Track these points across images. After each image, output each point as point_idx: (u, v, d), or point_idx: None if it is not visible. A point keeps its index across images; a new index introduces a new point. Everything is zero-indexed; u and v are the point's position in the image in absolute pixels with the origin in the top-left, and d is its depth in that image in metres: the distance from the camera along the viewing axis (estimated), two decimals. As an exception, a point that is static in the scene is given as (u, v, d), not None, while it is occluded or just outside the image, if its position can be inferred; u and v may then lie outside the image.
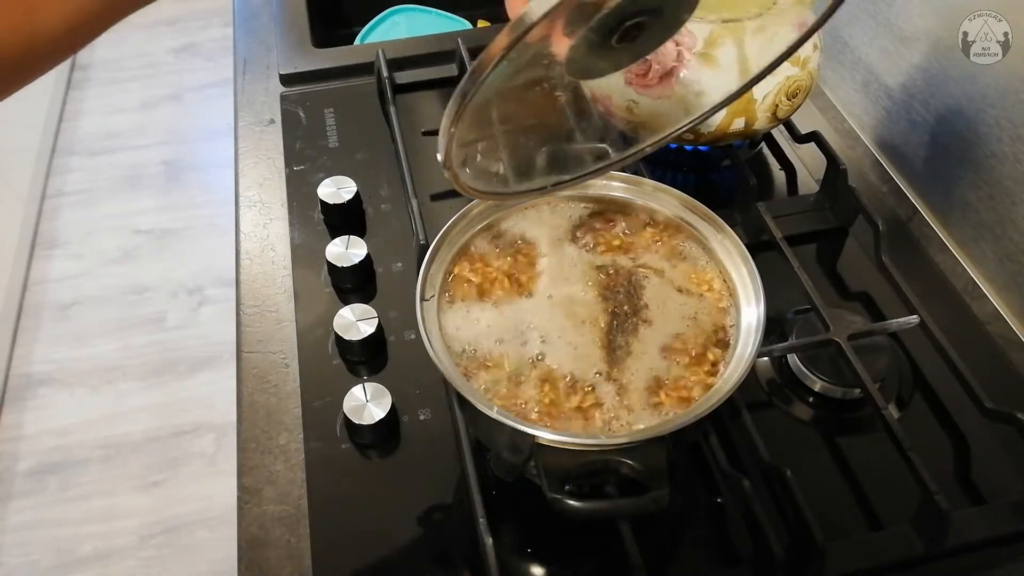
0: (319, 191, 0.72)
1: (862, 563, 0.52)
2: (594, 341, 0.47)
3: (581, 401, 0.45)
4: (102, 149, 2.15)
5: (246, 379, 0.62)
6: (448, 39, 0.91)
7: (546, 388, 0.46)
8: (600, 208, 0.55)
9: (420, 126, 0.80)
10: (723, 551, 0.54)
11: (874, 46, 0.81)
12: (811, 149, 0.76)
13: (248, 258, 0.72)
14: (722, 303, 0.50)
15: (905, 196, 0.78)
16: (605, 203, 0.55)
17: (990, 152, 0.68)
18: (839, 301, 0.68)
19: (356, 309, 0.63)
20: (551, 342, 0.47)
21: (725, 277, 0.51)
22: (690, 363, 0.47)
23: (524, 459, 0.49)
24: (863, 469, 0.57)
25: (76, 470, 1.52)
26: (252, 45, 0.94)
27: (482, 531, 0.50)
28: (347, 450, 0.57)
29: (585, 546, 0.53)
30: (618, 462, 0.44)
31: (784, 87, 0.67)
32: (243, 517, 0.55)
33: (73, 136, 2.18)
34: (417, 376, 0.61)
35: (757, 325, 0.48)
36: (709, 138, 0.69)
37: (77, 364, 1.68)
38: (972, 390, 0.57)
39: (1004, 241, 0.68)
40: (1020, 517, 0.53)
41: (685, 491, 0.56)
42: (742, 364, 0.46)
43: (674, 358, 0.47)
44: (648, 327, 0.48)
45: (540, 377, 0.47)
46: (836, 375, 0.60)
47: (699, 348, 0.47)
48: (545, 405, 0.45)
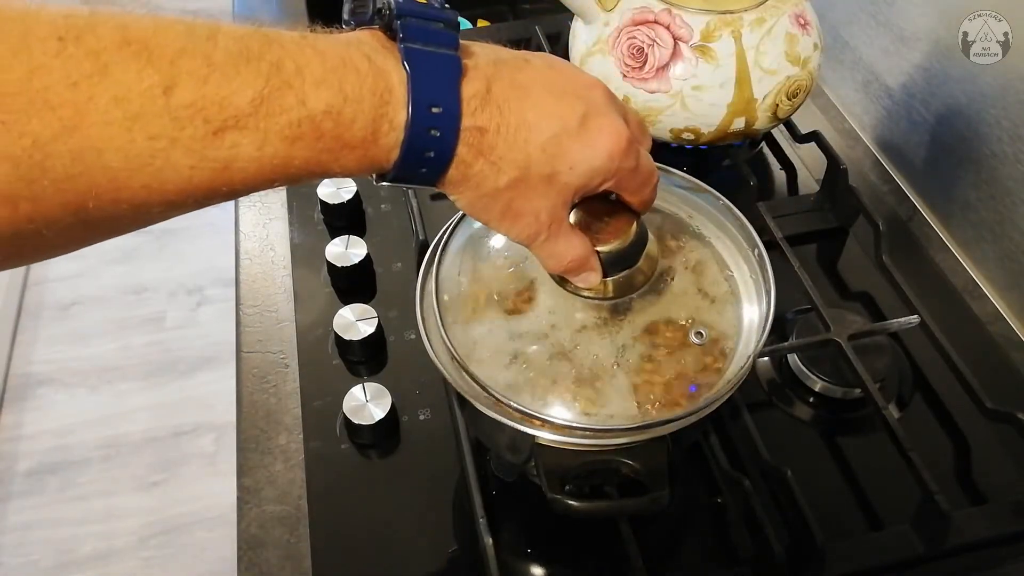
0: (319, 191, 0.72)
1: (862, 563, 0.51)
2: (599, 334, 0.47)
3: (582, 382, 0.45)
4: (102, 149, 2.14)
5: (246, 379, 0.62)
6: (448, 39, 0.90)
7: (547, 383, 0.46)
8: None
9: (420, 126, 0.80)
10: (723, 551, 0.54)
11: (874, 46, 0.81)
12: (811, 149, 0.76)
13: (248, 258, 0.71)
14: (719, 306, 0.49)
15: (905, 196, 0.78)
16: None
17: (990, 152, 0.68)
18: (839, 301, 0.68)
19: (356, 309, 0.63)
20: (553, 340, 0.47)
21: (728, 273, 0.50)
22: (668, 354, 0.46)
23: (524, 459, 0.49)
24: (863, 469, 0.57)
25: (76, 470, 1.52)
26: (252, 45, 0.94)
27: (482, 531, 0.50)
28: (347, 450, 0.57)
29: (585, 546, 0.53)
30: (618, 462, 0.44)
31: (784, 87, 0.67)
32: (243, 517, 0.55)
33: (73, 136, 2.18)
34: (417, 376, 0.61)
35: (759, 324, 0.47)
36: (709, 138, 0.69)
37: (77, 364, 1.68)
38: (972, 390, 0.57)
39: (1004, 241, 0.68)
40: (1020, 517, 0.53)
41: (685, 491, 0.55)
42: (742, 364, 0.46)
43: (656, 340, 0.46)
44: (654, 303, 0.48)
45: (542, 374, 0.46)
46: (836, 375, 0.60)
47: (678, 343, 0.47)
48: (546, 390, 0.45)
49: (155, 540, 1.43)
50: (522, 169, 0.36)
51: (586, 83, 0.40)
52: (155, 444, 1.55)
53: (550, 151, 0.37)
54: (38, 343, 1.72)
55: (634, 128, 0.41)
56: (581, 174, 0.38)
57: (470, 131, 0.35)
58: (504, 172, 0.36)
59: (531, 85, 0.37)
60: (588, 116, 0.38)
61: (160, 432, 1.57)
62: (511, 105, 0.36)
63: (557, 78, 0.39)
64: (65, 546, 1.42)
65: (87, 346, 1.71)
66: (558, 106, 0.37)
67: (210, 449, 1.54)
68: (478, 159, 0.35)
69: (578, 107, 0.38)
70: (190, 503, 1.47)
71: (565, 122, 0.37)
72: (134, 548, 1.42)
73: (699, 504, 0.55)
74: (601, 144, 0.38)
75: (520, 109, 0.36)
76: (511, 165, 0.36)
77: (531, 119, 0.36)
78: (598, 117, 0.38)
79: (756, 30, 0.66)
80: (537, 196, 0.38)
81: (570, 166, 0.37)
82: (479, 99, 0.35)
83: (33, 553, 1.41)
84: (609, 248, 0.44)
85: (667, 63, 0.66)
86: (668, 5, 0.66)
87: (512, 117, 0.36)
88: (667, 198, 0.54)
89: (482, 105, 0.35)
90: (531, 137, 0.36)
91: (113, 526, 1.44)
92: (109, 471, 1.52)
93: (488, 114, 0.35)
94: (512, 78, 0.37)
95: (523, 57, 0.39)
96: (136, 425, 1.58)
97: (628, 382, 0.45)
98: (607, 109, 0.39)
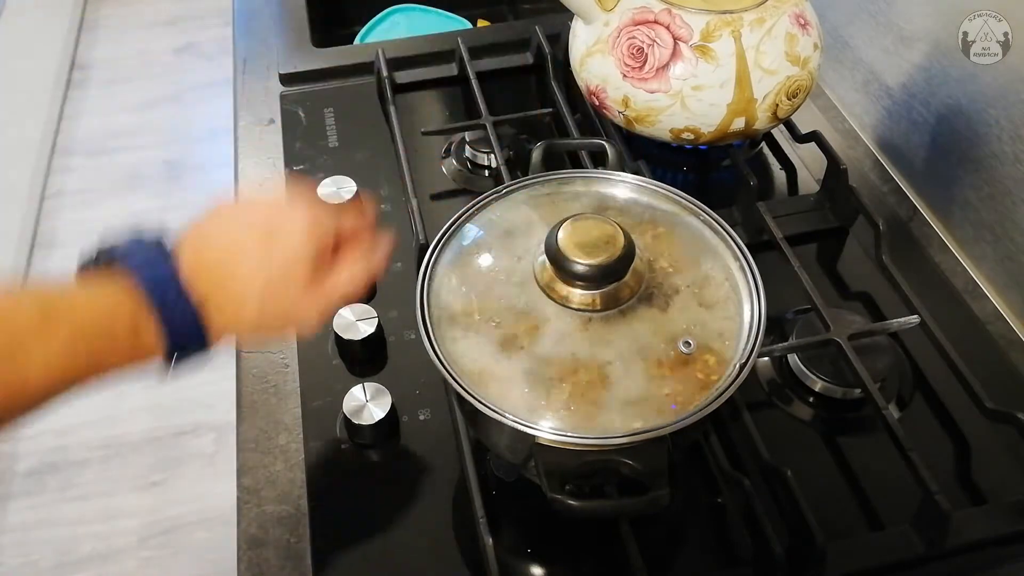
0: (319, 191, 0.72)
1: (862, 563, 0.52)
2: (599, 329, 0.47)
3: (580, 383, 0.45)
4: (102, 149, 2.14)
5: (246, 379, 0.62)
6: (448, 39, 0.91)
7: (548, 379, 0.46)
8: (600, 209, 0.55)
9: (420, 126, 0.80)
10: (723, 551, 0.54)
11: (874, 46, 0.81)
12: (811, 149, 0.76)
13: (248, 258, 0.71)
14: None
15: (905, 196, 0.78)
16: (606, 203, 0.55)
17: (990, 152, 0.68)
18: (839, 301, 0.68)
19: (356, 309, 0.63)
20: (546, 348, 0.47)
21: (726, 276, 0.51)
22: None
23: (524, 459, 0.49)
24: (863, 469, 0.57)
25: (76, 470, 1.52)
26: (252, 45, 0.94)
27: (482, 531, 0.50)
28: (347, 450, 0.57)
29: (585, 546, 0.53)
30: (618, 462, 0.44)
31: (784, 87, 0.67)
32: (243, 517, 0.55)
33: (73, 136, 2.18)
34: (417, 376, 0.61)
35: (757, 325, 0.48)
36: (709, 138, 0.69)
37: (77, 364, 1.68)
38: (972, 390, 0.57)
39: (1004, 241, 0.68)
40: (1020, 517, 0.53)
41: (685, 491, 0.55)
42: (736, 370, 0.46)
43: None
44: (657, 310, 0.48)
45: (542, 372, 0.46)
46: (836, 375, 0.60)
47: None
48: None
49: (155, 540, 1.43)
50: (256, 295, 0.45)
51: (263, 204, 0.51)
52: (155, 444, 1.55)
53: (263, 267, 0.45)
54: (38, 343, 1.72)
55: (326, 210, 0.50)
56: (296, 261, 0.46)
57: (201, 300, 0.43)
58: (246, 305, 0.45)
59: (219, 235, 0.46)
60: (270, 225, 0.47)
61: (160, 432, 1.57)
62: (215, 265, 0.45)
63: (237, 218, 0.48)
64: (65, 546, 1.42)
65: (87, 346, 1.71)
66: (245, 236, 0.46)
67: (210, 449, 1.54)
68: (223, 313, 0.44)
69: (258, 226, 0.47)
70: (190, 503, 1.47)
71: (254, 243, 0.46)
72: (134, 548, 1.42)
73: (699, 504, 0.55)
74: (293, 235, 0.46)
75: (223, 261, 0.45)
76: (247, 299, 0.45)
77: (233, 260, 0.45)
78: (278, 219, 0.47)
79: (756, 30, 0.66)
80: (285, 296, 0.46)
81: (283, 262, 0.46)
82: (194, 274, 0.43)
83: (33, 553, 1.41)
84: (596, 262, 0.46)
85: (667, 63, 0.66)
86: (668, 5, 0.66)
87: (221, 270, 0.44)
88: (658, 210, 0.54)
89: (197, 276, 0.43)
90: (242, 272, 0.45)
91: (113, 526, 1.44)
92: (109, 471, 1.52)
93: (204, 281, 0.44)
94: (205, 241, 0.46)
95: (205, 219, 0.47)
96: (136, 425, 1.58)
97: (620, 391, 0.45)
98: (282, 211, 0.48)
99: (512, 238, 0.52)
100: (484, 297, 0.49)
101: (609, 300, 0.47)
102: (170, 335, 0.43)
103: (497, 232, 0.53)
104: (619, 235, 0.47)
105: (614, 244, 0.47)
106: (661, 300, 0.49)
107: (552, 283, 0.48)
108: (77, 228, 1.94)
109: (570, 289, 0.47)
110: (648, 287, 0.49)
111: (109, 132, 2.19)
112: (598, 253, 0.46)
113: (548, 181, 0.56)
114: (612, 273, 0.47)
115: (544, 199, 0.55)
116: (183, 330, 0.43)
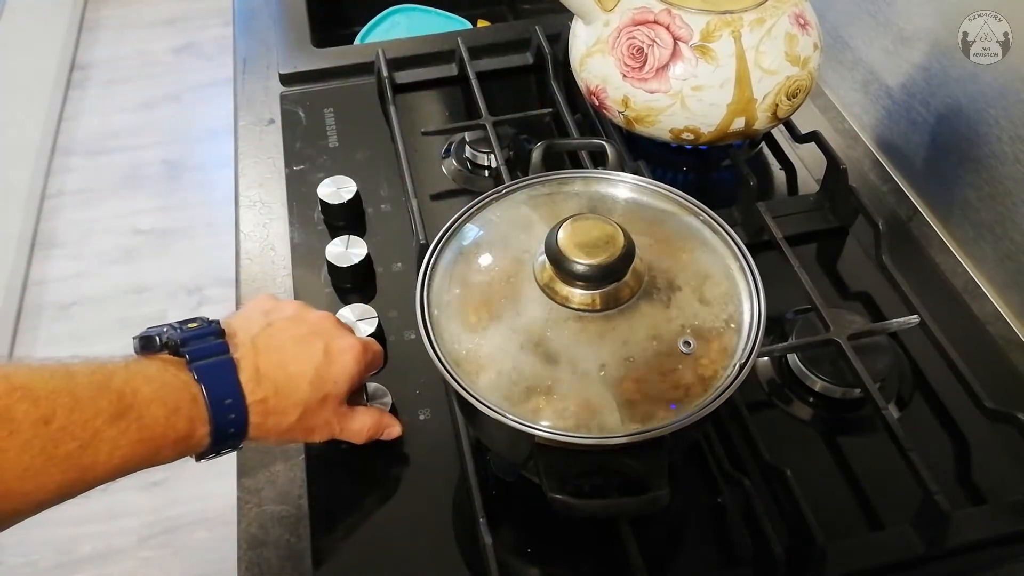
0: (319, 191, 0.72)
1: (862, 563, 0.52)
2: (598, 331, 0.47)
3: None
4: (102, 149, 2.14)
5: (246, 379, 0.62)
6: (448, 39, 0.91)
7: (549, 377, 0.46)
8: (600, 209, 0.55)
9: (420, 126, 0.80)
10: (723, 551, 0.54)
11: (874, 46, 0.81)
12: (811, 149, 0.76)
13: (248, 258, 0.71)
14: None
15: (905, 196, 0.78)
16: (606, 203, 0.55)
17: (990, 152, 0.68)
18: (839, 301, 0.68)
19: (356, 309, 0.63)
20: (546, 349, 0.47)
21: (725, 275, 0.51)
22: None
23: (524, 459, 0.49)
24: (863, 469, 0.57)
25: (76, 470, 1.52)
26: (252, 45, 0.94)
27: (482, 531, 0.50)
28: (347, 450, 0.57)
29: (585, 546, 0.53)
30: (618, 462, 0.44)
31: (784, 87, 0.67)
32: (243, 517, 0.55)
33: (73, 136, 2.18)
34: (417, 376, 0.61)
35: (757, 325, 0.48)
36: (709, 138, 0.69)
37: (77, 364, 1.68)
38: (972, 390, 0.57)
39: (1004, 241, 0.68)
40: (1020, 517, 0.53)
41: (685, 491, 0.55)
42: (736, 370, 0.46)
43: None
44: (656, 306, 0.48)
45: (536, 383, 0.46)
46: (836, 375, 0.60)
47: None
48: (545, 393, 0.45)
49: (155, 540, 1.43)
50: (302, 406, 0.49)
51: (318, 319, 0.53)
52: (155, 444, 1.55)
53: (316, 384, 0.49)
54: (38, 343, 1.72)
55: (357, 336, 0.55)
56: (343, 383, 0.51)
57: (255, 404, 0.47)
58: (289, 415, 0.49)
59: (281, 344, 0.49)
60: (329, 345, 0.51)
61: (160, 432, 1.57)
62: (276, 372, 0.48)
63: (297, 327, 0.51)
64: (65, 546, 1.42)
65: (87, 346, 1.71)
66: (307, 350, 0.50)
67: (210, 449, 1.54)
68: (268, 418, 0.48)
69: (318, 343, 0.50)
70: (190, 503, 1.47)
71: (315, 359, 0.50)
72: (134, 548, 1.42)
73: (699, 504, 0.55)
74: (347, 360, 0.51)
75: (283, 369, 0.48)
76: (293, 408, 0.49)
77: (293, 371, 0.49)
78: (335, 341, 0.51)
79: (756, 30, 0.66)
80: (320, 413, 0.50)
81: (334, 382, 0.50)
82: (254, 380, 0.47)
83: (33, 553, 1.41)
84: (596, 262, 0.46)
85: (667, 63, 0.66)
86: (668, 5, 0.66)
87: (280, 378, 0.48)
88: (658, 210, 0.54)
89: (258, 382, 0.47)
90: (298, 383, 0.49)
91: (113, 526, 1.44)
92: (109, 471, 1.52)
93: (263, 387, 0.47)
94: (267, 345, 0.49)
95: (267, 321, 0.51)
96: (136, 425, 1.58)
97: (620, 391, 0.45)
98: (338, 332, 0.53)
99: (512, 238, 0.52)
100: (484, 297, 0.49)
101: (609, 300, 0.47)
102: (217, 432, 0.45)
103: (497, 232, 0.53)
104: (619, 235, 0.47)
105: (614, 244, 0.47)
106: (661, 300, 0.48)
107: (552, 283, 0.48)
108: (77, 228, 1.94)
109: (570, 289, 0.47)
110: (648, 287, 0.49)
111: (109, 132, 2.19)
112: (598, 253, 0.46)
113: (548, 181, 0.56)
114: (612, 273, 0.47)
115: (544, 199, 0.55)
116: (230, 430, 0.46)
